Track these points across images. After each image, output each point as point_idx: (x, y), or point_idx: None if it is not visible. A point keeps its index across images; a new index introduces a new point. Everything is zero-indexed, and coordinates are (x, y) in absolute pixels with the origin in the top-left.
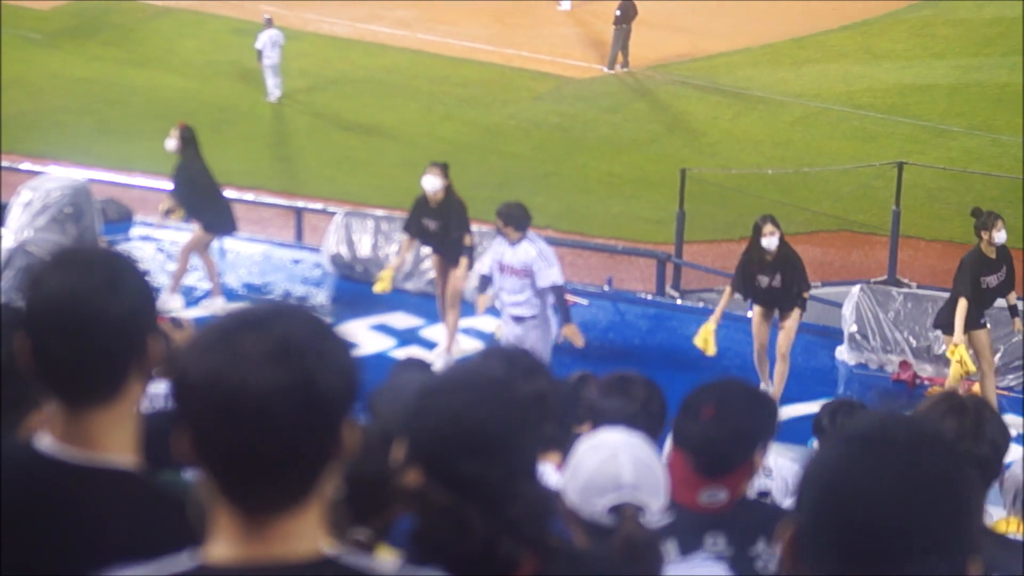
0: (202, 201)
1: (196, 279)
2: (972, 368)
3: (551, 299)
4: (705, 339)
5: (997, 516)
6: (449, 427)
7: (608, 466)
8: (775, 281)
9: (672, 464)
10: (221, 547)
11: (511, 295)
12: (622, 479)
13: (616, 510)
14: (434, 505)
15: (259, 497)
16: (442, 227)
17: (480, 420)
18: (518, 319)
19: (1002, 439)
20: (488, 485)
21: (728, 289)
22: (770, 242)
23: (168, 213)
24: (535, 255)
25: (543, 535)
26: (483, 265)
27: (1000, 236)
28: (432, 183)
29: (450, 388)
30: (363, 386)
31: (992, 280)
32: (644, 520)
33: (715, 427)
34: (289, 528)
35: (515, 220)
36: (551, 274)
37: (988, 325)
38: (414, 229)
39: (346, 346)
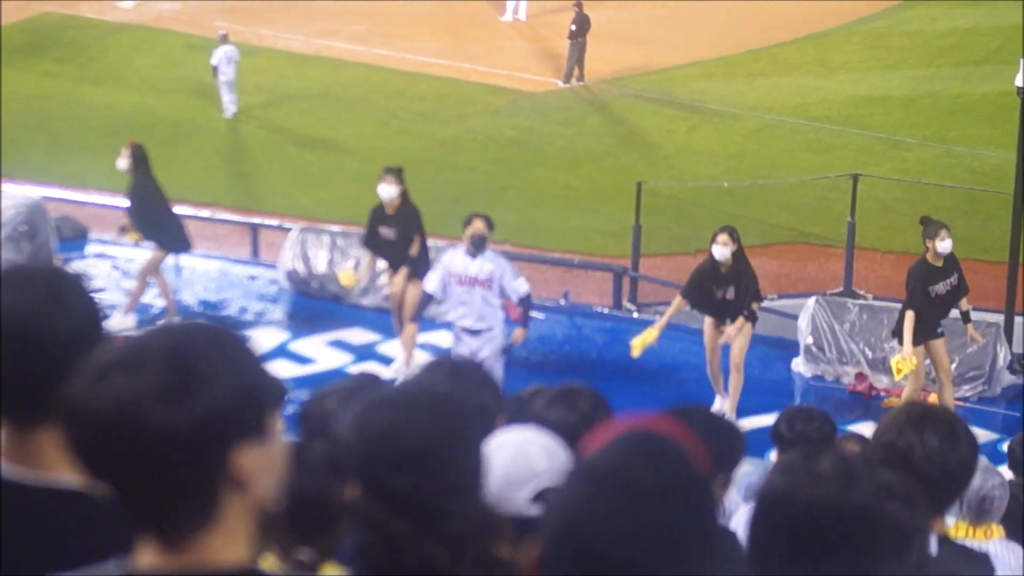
0: (156, 221)
1: (151, 296)
2: (911, 371)
3: (502, 313)
4: (642, 341)
5: (949, 522)
6: (382, 442)
7: (519, 459)
8: (728, 293)
9: None
10: (146, 556)
11: (472, 307)
12: (536, 467)
13: (539, 497)
14: (367, 519)
15: (157, 522)
16: (399, 234)
17: (412, 435)
18: (475, 332)
19: (974, 442)
20: (420, 500)
21: (677, 298)
22: (721, 252)
23: (123, 231)
24: (505, 266)
25: (485, 552)
26: (430, 282)
27: (944, 245)
28: (388, 191)
29: (388, 403)
30: (262, 403)
31: (941, 288)
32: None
33: None
34: (205, 543)
35: (491, 227)
36: (520, 284)
37: (944, 335)
38: (373, 243)
39: (244, 370)
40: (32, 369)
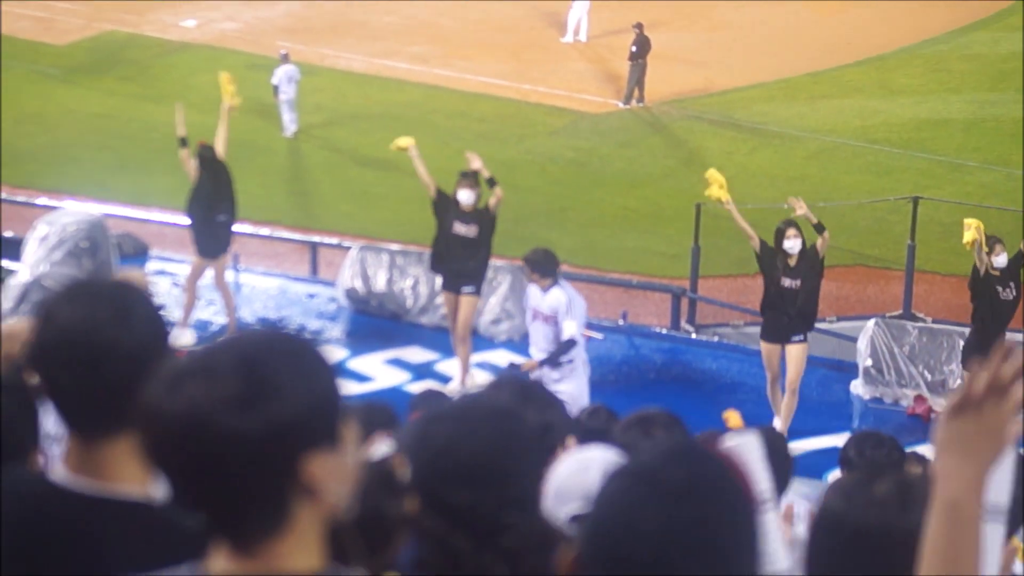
0: (199, 224)
1: (212, 313)
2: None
3: (583, 343)
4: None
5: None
6: (442, 455)
7: (578, 476)
8: (799, 283)
9: None
10: (218, 562)
11: (545, 341)
12: (588, 490)
13: (577, 520)
14: (427, 533)
15: (229, 528)
16: (480, 233)
17: (472, 450)
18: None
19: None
20: (479, 514)
21: (755, 237)
22: (793, 245)
23: (184, 143)
24: (564, 302)
25: (543, 567)
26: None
27: (999, 260)
28: (469, 196)
29: (448, 417)
30: (334, 412)
31: (1007, 293)
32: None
33: None
34: (276, 550)
35: (539, 267)
36: (570, 327)
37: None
38: (447, 239)
39: (317, 379)
40: (98, 383)
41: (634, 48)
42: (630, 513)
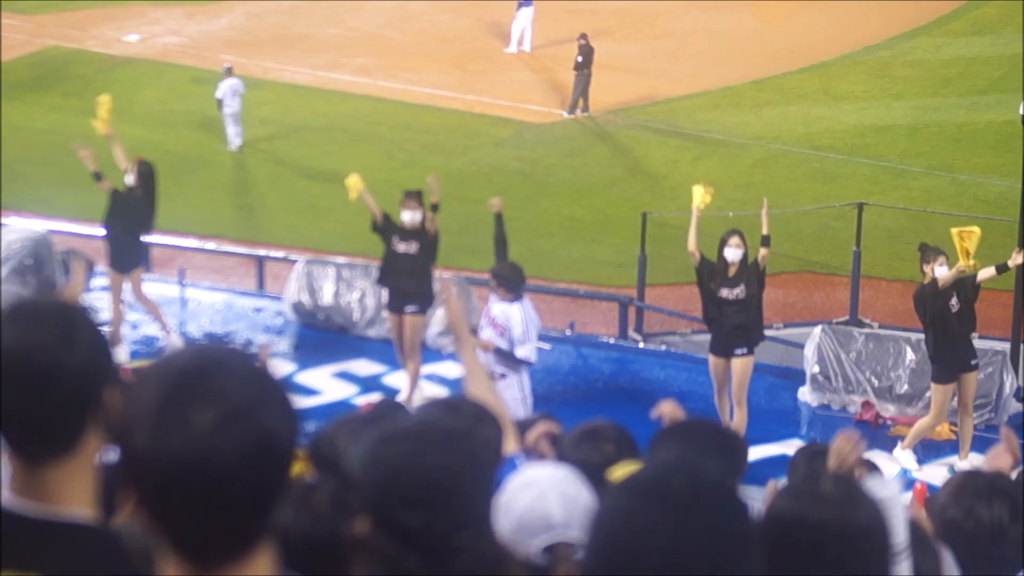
0: (125, 239)
1: (155, 329)
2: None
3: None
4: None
5: None
6: (393, 478)
7: (537, 506)
8: (739, 292)
9: None
10: None
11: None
12: (552, 519)
13: (550, 550)
14: (378, 555)
15: (209, 550)
16: (420, 250)
17: (424, 472)
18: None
19: None
20: (431, 536)
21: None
22: (734, 254)
23: (99, 178)
24: (520, 322)
25: None
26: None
27: (941, 271)
28: (414, 217)
29: (401, 438)
30: (303, 422)
31: (955, 304)
32: (578, 557)
33: None
34: (236, 570)
35: (506, 282)
36: (525, 350)
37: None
38: (389, 258)
39: (284, 388)
40: (42, 406)
41: (580, 58)
42: (638, 525)
